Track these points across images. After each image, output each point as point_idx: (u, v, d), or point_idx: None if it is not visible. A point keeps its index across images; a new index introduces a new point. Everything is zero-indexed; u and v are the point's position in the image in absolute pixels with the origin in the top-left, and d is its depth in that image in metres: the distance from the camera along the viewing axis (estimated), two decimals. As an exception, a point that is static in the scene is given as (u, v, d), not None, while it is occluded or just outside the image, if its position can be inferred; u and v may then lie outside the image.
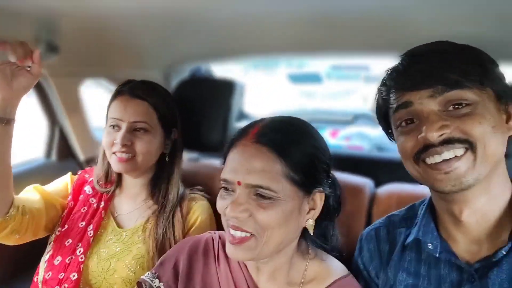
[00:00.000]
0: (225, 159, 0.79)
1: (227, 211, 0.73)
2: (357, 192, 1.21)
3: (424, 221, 0.81)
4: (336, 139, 2.24)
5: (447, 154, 0.68)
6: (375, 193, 1.23)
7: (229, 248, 0.76)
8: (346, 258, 0.91)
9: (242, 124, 0.94)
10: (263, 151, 0.72)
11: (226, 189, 0.76)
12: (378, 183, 1.29)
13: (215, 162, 1.46)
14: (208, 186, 1.26)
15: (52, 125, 1.59)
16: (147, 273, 0.89)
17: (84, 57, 1.36)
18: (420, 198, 0.90)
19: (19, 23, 0.97)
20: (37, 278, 1.07)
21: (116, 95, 1.12)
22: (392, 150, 1.16)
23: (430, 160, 0.70)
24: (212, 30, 1.18)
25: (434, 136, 0.68)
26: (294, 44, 1.30)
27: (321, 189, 0.77)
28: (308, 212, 0.77)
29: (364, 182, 1.26)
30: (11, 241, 1.02)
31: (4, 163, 0.96)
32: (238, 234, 0.73)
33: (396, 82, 0.74)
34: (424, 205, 0.85)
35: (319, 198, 0.78)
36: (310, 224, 0.78)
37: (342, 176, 1.28)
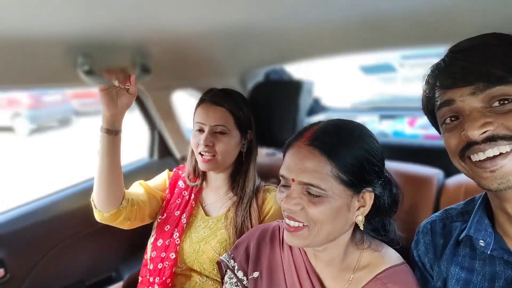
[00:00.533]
0: (284, 156, 0.85)
1: (282, 203, 0.81)
2: (426, 183, 1.19)
3: (477, 217, 0.78)
4: (413, 128, 2.13)
5: (490, 151, 0.66)
6: (444, 184, 1.19)
7: (286, 235, 0.83)
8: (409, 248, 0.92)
9: (319, 118, 1.00)
10: (314, 154, 0.77)
11: (283, 184, 0.83)
12: (450, 174, 1.24)
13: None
14: (281, 178, 1.37)
15: (152, 130, 1.84)
16: (225, 254, 1.02)
17: (172, 72, 1.52)
18: (488, 189, 0.86)
19: (119, 53, 1.15)
20: (146, 256, 1.26)
21: (200, 102, 1.24)
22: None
23: (474, 158, 0.68)
24: (276, 38, 1.24)
25: (476, 134, 0.66)
26: (350, 44, 1.30)
27: (370, 189, 0.80)
28: (358, 209, 0.81)
29: (433, 172, 1.23)
30: (125, 226, 1.20)
31: (116, 165, 1.12)
32: (292, 223, 0.80)
33: (438, 80, 0.73)
34: (480, 200, 0.81)
35: (368, 197, 0.81)
36: (359, 219, 0.81)
37: (411, 167, 1.28)
